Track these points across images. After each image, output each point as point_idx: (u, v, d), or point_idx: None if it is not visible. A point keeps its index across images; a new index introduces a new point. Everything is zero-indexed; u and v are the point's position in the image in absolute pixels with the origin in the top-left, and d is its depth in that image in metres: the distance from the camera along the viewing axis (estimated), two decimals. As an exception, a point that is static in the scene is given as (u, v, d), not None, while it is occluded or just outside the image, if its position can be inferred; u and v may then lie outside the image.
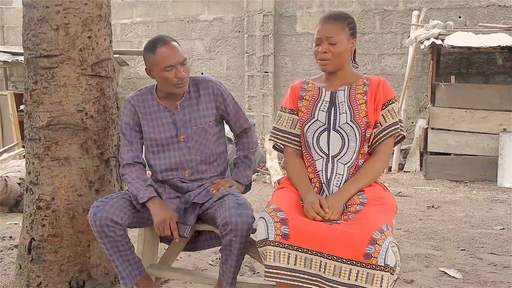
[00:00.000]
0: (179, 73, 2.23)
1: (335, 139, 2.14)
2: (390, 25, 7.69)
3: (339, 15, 2.17)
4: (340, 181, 2.12)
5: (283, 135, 2.26)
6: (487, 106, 6.38)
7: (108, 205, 2.16)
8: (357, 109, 2.14)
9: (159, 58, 2.23)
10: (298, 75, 8.05)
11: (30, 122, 2.58)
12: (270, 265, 1.88)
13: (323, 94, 2.21)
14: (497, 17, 7.26)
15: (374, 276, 1.77)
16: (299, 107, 2.23)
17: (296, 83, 2.31)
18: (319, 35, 2.14)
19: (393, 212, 2.06)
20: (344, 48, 2.12)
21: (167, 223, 2.18)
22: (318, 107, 2.19)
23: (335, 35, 2.11)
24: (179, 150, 2.35)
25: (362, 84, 2.19)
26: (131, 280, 2.26)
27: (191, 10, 8.49)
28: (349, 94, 2.18)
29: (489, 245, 3.57)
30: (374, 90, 2.16)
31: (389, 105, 2.17)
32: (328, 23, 2.13)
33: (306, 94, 2.23)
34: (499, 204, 5.11)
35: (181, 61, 2.24)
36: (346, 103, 2.16)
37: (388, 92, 2.18)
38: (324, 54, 2.12)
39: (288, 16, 8.07)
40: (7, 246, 3.58)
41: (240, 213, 2.06)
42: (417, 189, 5.94)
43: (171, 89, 2.29)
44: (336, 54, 2.12)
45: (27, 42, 2.56)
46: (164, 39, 2.27)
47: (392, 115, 2.16)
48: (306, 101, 2.22)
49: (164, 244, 2.60)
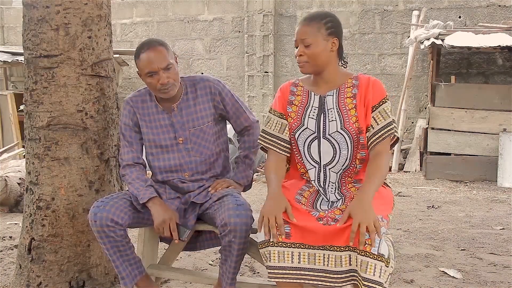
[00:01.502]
0: (162, 79, 2.20)
1: (326, 148, 2.09)
2: (390, 25, 7.69)
3: (315, 15, 2.11)
4: (334, 188, 2.10)
5: (271, 139, 2.19)
6: (487, 106, 6.38)
7: (109, 205, 2.16)
8: (347, 115, 2.07)
9: (142, 64, 2.22)
10: (298, 75, 8.03)
11: (30, 122, 2.58)
12: (275, 266, 1.88)
13: (312, 99, 2.14)
14: (497, 17, 7.26)
15: (368, 264, 1.76)
16: (288, 112, 2.17)
17: (285, 85, 2.25)
18: (295, 38, 2.11)
19: (390, 207, 2.03)
20: (321, 50, 2.04)
21: (167, 224, 2.17)
22: (307, 113, 2.12)
23: (309, 36, 2.05)
24: (178, 152, 2.35)
25: (350, 86, 2.11)
26: (131, 280, 2.26)
27: (191, 10, 8.49)
28: (338, 99, 2.10)
29: (489, 245, 3.57)
30: (363, 92, 2.08)
31: (379, 106, 2.06)
32: (303, 24, 2.08)
33: (295, 99, 2.17)
34: (499, 204, 5.11)
35: (163, 67, 2.20)
36: (335, 110, 2.09)
37: (377, 92, 2.07)
38: (300, 57, 2.08)
39: (288, 16, 8.07)
40: (7, 246, 3.58)
41: (239, 213, 2.05)
42: (417, 189, 5.94)
43: (157, 94, 2.28)
44: (312, 56, 2.05)
45: (27, 42, 2.56)
46: (150, 44, 2.23)
47: (384, 116, 2.06)
48: (296, 107, 2.16)
49: (164, 244, 2.61)
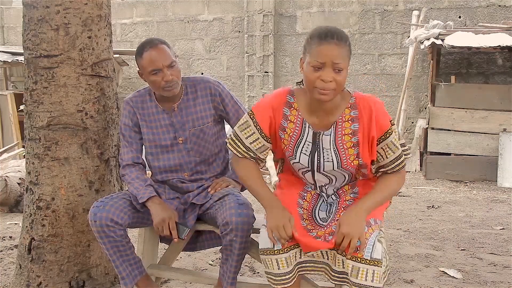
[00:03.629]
0: (166, 77, 2.22)
1: (321, 177, 1.97)
2: (390, 25, 7.68)
3: (343, 35, 1.78)
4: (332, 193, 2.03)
5: (245, 150, 1.97)
6: (487, 106, 6.38)
7: (108, 205, 2.16)
8: (345, 154, 1.87)
9: (146, 62, 2.23)
10: (298, 75, 8.04)
11: (30, 122, 2.58)
12: (281, 273, 1.88)
13: (306, 132, 1.90)
14: (497, 17, 7.26)
15: (359, 270, 1.75)
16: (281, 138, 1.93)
17: (278, 103, 1.92)
18: (322, 59, 1.73)
19: (384, 206, 1.97)
20: (346, 75, 1.79)
21: (166, 223, 2.17)
22: (300, 148, 1.91)
23: (343, 60, 1.75)
24: (178, 152, 2.35)
25: (349, 120, 1.86)
26: (131, 280, 2.26)
27: (191, 10, 8.49)
28: (335, 138, 1.88)
29: (489, 245, 3.57)
30: (366, 126, 1.85)
31: (386, 138, 1.85)
32: (336, 44, 1.74)
33: (288, 126, 1.91)
34: (499, 204, 5.11)
35: (167, 64, 2.23)
36: (332, 150, 1.88)
37: (382, 121, 1.84)
38: (329, 83, 1.75)
39: (288, 16, 8.07)
40: (7, 246, 3.58)
41: (240, 212, 2.06)
42: (417, 189, 5.94)
43: (160, 92, 2.28)
44: (341, 83, 1.77)
45: (27, 42, 2.56)
46: (152, 43, 2.26)
47: (393, 149, 1.87)
48: (288, 136, 1.92)
49: (164, 244, 2.60)
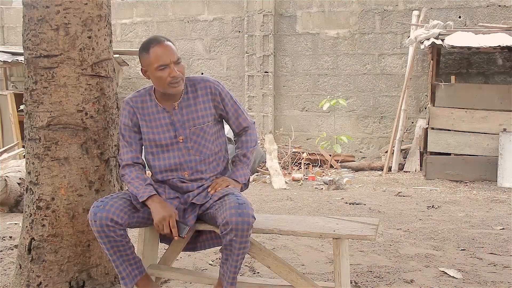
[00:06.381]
0: (173, 72, 2.24)
1: None
2: (390, 25, 7.68)
3: None
4: None
5: None
6: (487, 106, 6.38)
7: (108, 205, 2.16)
8: None
9: (153, 57, 2.24)
10: (298, 75, 8.06)
11: (30, 122, 2.58)
12: None
13: None
14: (497, 17, 7.26)
15: None
16: None
17: None
18: None
19: None
20: None
21: (166, 221, 2.17)
22: None
23: None
24: (178, 150, 2.35)
25: None
26: (131, 280, 2.26)
27: (191, 10, 8.49)
28: None
29: (489, 245, 3.57)
30: None
31: None
32: None
33: None
34: (499, 204, 5.11)
35: (174, 60, 2.25)
36: None
37: None
38: None
39: (288, 16, 8.07)
40: (7, 246, 3.58)
41: (240, 212, 2.05)
42: (417, 189, 5.94)
43: (166, 89, 2.29)
44: None
45: (27, 42, 2.56)
46: (158, 39, 2.28)
47: None
48: None
49: (164, 244, 2.60)
